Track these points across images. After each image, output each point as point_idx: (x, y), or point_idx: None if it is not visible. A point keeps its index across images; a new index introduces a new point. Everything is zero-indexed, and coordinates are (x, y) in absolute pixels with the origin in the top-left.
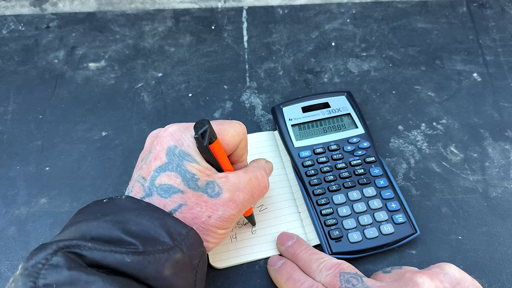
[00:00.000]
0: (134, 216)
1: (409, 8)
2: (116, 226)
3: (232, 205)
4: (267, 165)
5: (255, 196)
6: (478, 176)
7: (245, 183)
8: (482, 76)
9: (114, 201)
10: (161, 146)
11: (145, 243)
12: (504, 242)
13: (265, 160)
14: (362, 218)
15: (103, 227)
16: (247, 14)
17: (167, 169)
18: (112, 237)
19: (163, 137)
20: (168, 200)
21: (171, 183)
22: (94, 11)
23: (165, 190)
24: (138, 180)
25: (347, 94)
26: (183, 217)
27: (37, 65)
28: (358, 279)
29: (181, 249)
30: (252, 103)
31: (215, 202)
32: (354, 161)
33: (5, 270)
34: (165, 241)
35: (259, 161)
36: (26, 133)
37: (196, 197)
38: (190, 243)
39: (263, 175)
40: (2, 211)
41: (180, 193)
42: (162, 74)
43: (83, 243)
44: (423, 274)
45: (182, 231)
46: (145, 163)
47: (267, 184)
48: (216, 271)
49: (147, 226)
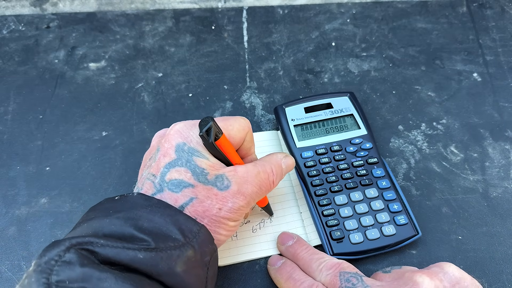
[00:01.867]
0: (146, 213)
1: (409, 8)
2: (128, 222)
3: (241, 197)
4: (286, 160)
5: (263, 189)
6: (478, 176)
7: (253, 176)
8: (482, 76)
9: (126, 198)
10: (170, 143)
11: (157, 240)
12: (504, 242)
13: (284, 155)
14: (364, 219)
15: (115, 224)
16: (247, 14)
17: (176, 164)
18: (125, 234)
19: (171, 134)
20: (180, 194)
21: (181, 178)
22: (94, 11)
23: (176, 185)
24: (148, 178)
25: (349, 95)
26: (195, 210)
27: (38, 65)
28: (358, 279)
29: (193, 246)
30: (252, 103)
31: (225, 195)
32: (357, 162)
33: (5, 270)
34: (177, 237)
35: (274, 155)
36: (26, 133)
37: (207, 190)
38: (201, 240)
39: (272, 169)
40: (2, 211)
41: (191, 187)
42: (162, 74)
43: (95, 240)
44: (422, 273)
45: (193, 228)
46: (154, 161)
47: (275, 179)
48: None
49: (159, 222)
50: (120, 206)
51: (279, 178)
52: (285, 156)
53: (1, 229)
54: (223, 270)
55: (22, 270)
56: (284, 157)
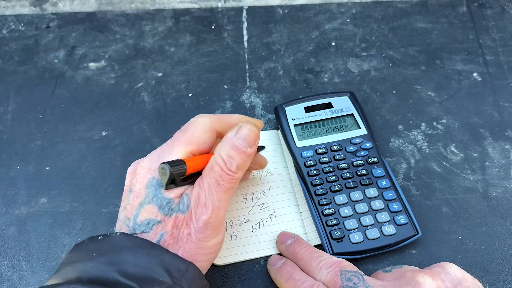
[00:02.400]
0: (130, 255)
1: (409, 8)
2: (112, 267)
3: (202, 209)
4: (239, 134)
5: (221, 183)
6: (478, 175)
7: (204, 178)
8: (482, 76)
9: (109, 239)
10: (141, 183)
11: (142, 285)
12: (504, 241)
13: (235, 129)
14: (364, 218)
15: (99, 268)
16: (247, 14)
17: (145, 203)
18: (109, 279)
19: (140, 174)
20: (151, 233)
21: (150, 216)
22: (94, 11)
23: (146, 225)
24: (124, 222)
25: (350, 95)
26: (168, 244)
27: (37, 65)
28: (359, 278)
29: (182, 287)
30: (252, 103)
31: (188, 216)
32: (357, 162)
33: (5, 270)
34: (164, 280)
35: (226, 136)
36: (26, 133)
37: (173, 220)
38: (190, 279)
39: (222, 157)
40: (2, 211)
41: (159, 223)
42: (162, 74)
43: (80, 287)
44: (424, 273)
45: (181, 267)
46: (128, 203)
47: (233, 164)
48: (216, 270)
49: (144, 266)
50: (104, 248)
51: (241, 160)
52: (238, 128)
53: (1, 229)
54: (223, 270)
55: (22, 270)
56: (236, 132)
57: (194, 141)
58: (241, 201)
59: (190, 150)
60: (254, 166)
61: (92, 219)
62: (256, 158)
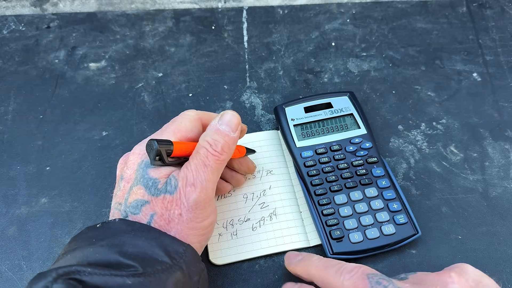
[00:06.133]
0: (129, 238)
1: (409, 8)
2: (112, 249)
3: (191, 188)
4: (222, 120)
5: (208, 163)
6: (478, 175)
7: (190, 160)
8: (482, 76)
9: (108, 225)
10: (131, 169)
11: (144, 264)
12: (504, 241)
13: (219, 116)
14: (364, 218)
15: (99, 252)
16: (247, 14)
17: (134, 185)
18: (110, 261)
19: (131, 160)
20: (140, 215)
21: (138, 197)
22: (94, 11)
23: (135, 206)
24: (115, 207)
25: (349, 95)
26: (159, 226)
27: (38, 65)
28: (389, 280)
29: (180, 267)
30: (252, 103)
31: (177, 197)
32: (356, 162)
33: (5, 269)
34: (164, 260)
35: (211, 123)
36: (26, 133)
37: (161, 201)
38: (188, 260)
39: (207, 141)
40: (2, 211)
41: (147, 204)
42: (162, 74)
43: (82, 268)
44: (450, 272)
45: (179, 249)
46: (119, 189)
47: (219, 147)
48: (216, 270)
49: (144, 247)
50: (102, 233)
51: (226, 142)
52: (220, 116)
53: (1, 229)
54: (223, 270)
55: (22, 270)
56: (219, 119)
57: (182, 129)
58: (241, 201)
59: (178, 137)
60: (243, 169)
61: (92, 219)
62: (245, 161)
